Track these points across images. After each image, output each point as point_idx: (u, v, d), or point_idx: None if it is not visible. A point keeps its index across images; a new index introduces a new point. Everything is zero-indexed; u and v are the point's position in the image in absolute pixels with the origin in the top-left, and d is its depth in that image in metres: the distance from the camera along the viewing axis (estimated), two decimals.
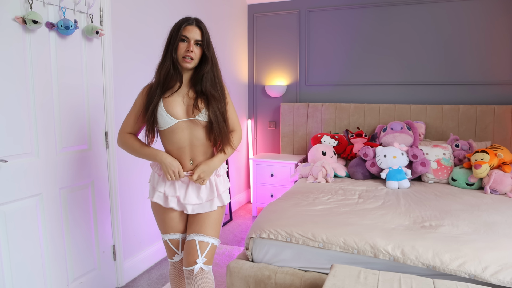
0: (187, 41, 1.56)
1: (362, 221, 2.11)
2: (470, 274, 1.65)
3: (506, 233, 1.92)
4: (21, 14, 1.82)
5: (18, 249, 1.87)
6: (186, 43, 1.56)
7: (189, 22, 1.57)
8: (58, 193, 2.08)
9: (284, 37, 4.14)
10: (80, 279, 2.24)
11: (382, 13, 3.71)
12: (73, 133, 2.17)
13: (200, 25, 1.59)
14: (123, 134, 1.69)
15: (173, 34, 1.58)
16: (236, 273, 1.99)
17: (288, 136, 4.09)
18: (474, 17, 3.43)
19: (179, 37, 1.55)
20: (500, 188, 2.69)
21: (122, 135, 1.69)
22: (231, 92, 3.92)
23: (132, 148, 1.67)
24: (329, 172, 3.14)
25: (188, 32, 1.56)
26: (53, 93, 2.04)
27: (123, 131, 1.70)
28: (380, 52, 3.75)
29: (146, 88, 1.66)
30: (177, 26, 1.57)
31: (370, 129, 3.73)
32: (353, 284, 1.53)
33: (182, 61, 1.57)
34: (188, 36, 1.56)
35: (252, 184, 4.05)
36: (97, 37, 2.26)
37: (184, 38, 1.56)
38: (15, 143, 1.85)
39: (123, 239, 2.55)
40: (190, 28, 1.56)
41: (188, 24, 1.56)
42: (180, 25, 1.56)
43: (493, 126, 3.32)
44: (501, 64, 3.38)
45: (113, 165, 2.43)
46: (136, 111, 1.66)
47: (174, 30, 1.58)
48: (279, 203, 2.46)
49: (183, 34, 1.55)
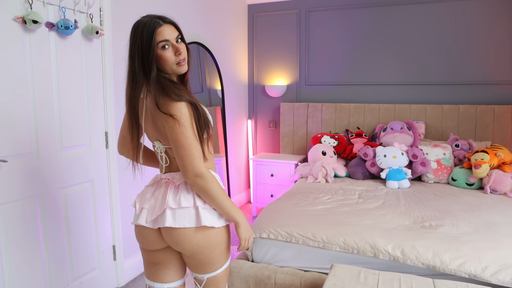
0: (168, 45, 1.25)
1: (362, 221, 2.11)
2: (470, 274, 1.65)
3: (506, 233, 1.92)
4: (21, 14, 1.82)
5: (18, 249, 1.87)
6: (169, 48, 1.26)
7: (158, 23, 1.24)
8: (58, 193, 2.08)
9: (284, 37, 4.14)
10: (80, 279, 2.24)
11: (382, 13, 3.71)
12: (73, 133, 2.17)
13: (169, 21, 1.29)
14: (205, 170, 1.24)
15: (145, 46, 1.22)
16: (236, 273, 1.99)
17: (288, 136, 4.09)
18: (474, 17, 3.42)
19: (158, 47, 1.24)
20: (500, 188, 2.69)
21: (207, 173, 1.24)
22: (231, 92, 3.93)
23: (220, 191, 1.27)
24: (329, 172, 3.14)
25: (166, 34, 1.25)
26: (53, 93, 2.04)
27: (201, 164, 1.23)
28: (380, 52, 3.75)
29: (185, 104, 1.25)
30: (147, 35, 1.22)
31: (370, 129, 3.73)
32: (353, 284, 1.53)
33: (177, 68, 1.29)
34: (167, 38, 1.25)
35: (252, 184, 4.05)
36: (97, 37, 2.26)
37: (164, 43, 1.24)
38: (15, 143, 1.85)
39: (123, 239, 2.55)
40: (164, 28, 1.25)
41: (159, 26, 1.24)
42: (152, 32, 1.22)
43: (493, 126, 3.32)
44: (501, 64, 3.38)
45: (113, 165, 2.43)
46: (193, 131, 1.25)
47: (145, 41, 1.22)
48: (279, 203, 2.46)
49: (161, 40, 1.23)
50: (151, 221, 1.31)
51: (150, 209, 1.33)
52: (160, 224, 1.29)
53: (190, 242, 1.28)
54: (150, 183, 1.41)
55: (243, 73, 4.26)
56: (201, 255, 1.31)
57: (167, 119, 1.21)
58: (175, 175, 1.34)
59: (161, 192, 1.33)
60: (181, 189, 1.30)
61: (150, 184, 1.41)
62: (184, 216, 1.27)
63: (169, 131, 1.22)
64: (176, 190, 1.31)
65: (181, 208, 1.27)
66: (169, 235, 1.29)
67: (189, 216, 1.27)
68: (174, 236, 1.28)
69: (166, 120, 1.21)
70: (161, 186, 1.35)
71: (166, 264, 1.41)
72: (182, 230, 1.27)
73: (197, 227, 1.27)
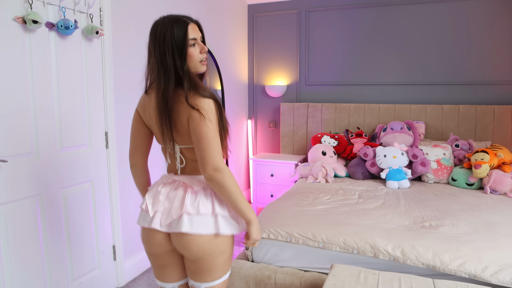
0: (195, 43, 1.29)
1: (362, 221, 2.11)
2: (470, 274, 1.65)
3: (506, 233, 1.92)
4: (21, 14, 1.82)
5: (18, 249, 1.87)
6: (195, 46, 1.29)
7: (189, 21, 1.29)
8: (58, 193, 2.08)
9: (284, 37, 4.14)
10: (80, 279, 2.24)
11: (382, 13, 3.71)
12: (73, 133, 2.17)
13: (195, 20, 1.34)
14: (224, 165, 1.24)
15: (178, 42, 1.25)
16: (236, 273, 1.99)
17: (288, 136, 4.09)
18: (474, 17, 3.43)
19: (188, 43, 1.26)
20: (500, 188, 2.69)
21: (226, 168, 1.24)
22: (231, 92, 3.93)
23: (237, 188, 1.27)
24: (329, 172, 3.14)
25: (194, 32, 1.29)
26: (53, 93, 2.04)
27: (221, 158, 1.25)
28: (380, 52, 3.75)
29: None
30: (181, 31, 1.25)
31: (370, 129, 3.73)
32: (353, 284, 1.53)
33: (200, 66, 1.31)
34: (195, 37, 1.29)
35: (252, 184, 4.05)
36: (97, 37, 2.26)
37: (193, 41, 1.28)
38: (15, 143, 1.85)
39: (123, 239, 2.55)
40: (192, 26, 1.29)
41: (189, 23, 1.29)
42: (186, 28, 1.26)
43: (493, 126, 3.32)
44: (501, 64, 3.38)
45: (113, 165, 2.43)
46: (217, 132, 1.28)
47: (178, 37, 1.25)
48: (279, 203, 2.46)
49: (191, 37, 1.27)
50: (165, 225, 1.30)
51: (164, 212, 1.31)
52: (175, 228, 1.27)
53: (198, 247, 1.27)
54: (160, 183, 1.37)
55: (243, 73, 4.26)
56: (204, 261, 1.30)
57: (193, 112, 1.22)
58: (192, 179, 1.33)
59: (177, 195, 1.31)
60: (199, 195, 1.30)
61: (160, 184, 1.37)
62: (201, 223, 1.26)
63: (194, 123, 1.22)
64: (194, 195, 1.30)
65: (199, 214, 1.27)
66: (179, 239, 1.28)
67: (206, 223, 1.27)
68: (185, 240, 1.27)
69: (192, 114, 1.22)
70: (176, 189, 1.33)
71: (174, 265, 1.42)
72: (196, 236, 1.26)
73: (214, 234, 1.27)
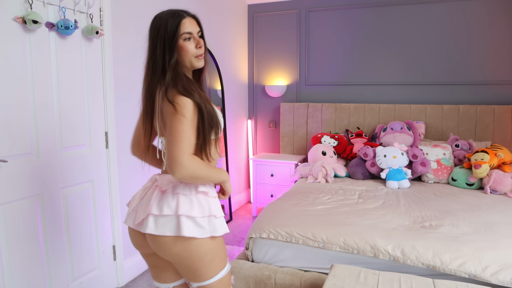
0: (191, 37, 1.27)
1: (362, 221, 2.11)
2: (470, 274, 1.65)
3: (506, 233, 1.92)
4: (21, 14, 1.82)
5: (18, 249, 1.87)
6: (190, 40, 1.27)
7: (183, 15, 1.28)
8: (58, 193, 2.08)
9: (284, 37, 4.14)
10: (80, 279, 2.24)
11: (382, 13, 3.71)
12: (73, 133, 2.17)
13: (193, 15, 1.33)
14: (189, 160, 1.17)
15: (170, 35, 1.24)
16: (236, 273, 1.99)
17: (288, 136, 4.09)
18: (474, 17, 3.43)
19: (181, 37, 1.25)
20: (500, 188, 2.69)
21: (193, 165, 1.18)
22: (231, 92, 3.93)
23: (208, 169, 1.24)
24: (329, 172, 3.15)
25: (190, 26, 1.27)
26: (53, 93, 2.04)
27: (189, 160, 1.18)
28: (380, 52, 3.75)
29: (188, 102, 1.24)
30: (174, 24, 1.24)
31: (370, 129, 3.73)
32: (353, 284, 1.53)
33: (196, 61, 1.30)
34: (191, 31, 1.27)
35: (252, 184, 4.05)
36: (97, 37, 2.26)
37: (187, 35, 1.26)
38: (15, 143, 1.85)
39: (123, 239, 2.55)
40: (189, 20, 1.28)
41: (184, 18, 1.27)
42: (179, 22, 1.25)
43: (493, 126, 3.32)
44: (501, 64, 3.38)
45: (113, 165, 2.43)
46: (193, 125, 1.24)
47: (170, 30, 1.24)
48: (279, 203, 2.46)
49: (185, 31, 1.25)
50: (137, 224, 1.29)
51: (138, 211, 1.31)
52: (142, 228, 1.26)
53: (170, 250, 1.24)
54: (147, 184, 1.38)
55: (243, 73, 4.26)
56: (183, 265, 1.27)
57: (168, 107, 1.19)
58: (162, 178, 1.31)
59: (149, 195, 1.31)
60: (166, 196, 1.27)
61: (146, 184, 1.38)
62: (165, 224, 1.23)
63: (168, 118, 1.20)
64: (161, 196, 1.27)
65: (162, 215, 1.24)
66: (151, 241, 1.27)
67: (170, 225, 1.23)
68: (156, 242, 1.26)
69: (167, 108, 1.20)
70: (151, 189, 1.33)
71: (164, 267, 1.40)
72: (163, 238, 1.23)
73: (176, 236, 1.23)
